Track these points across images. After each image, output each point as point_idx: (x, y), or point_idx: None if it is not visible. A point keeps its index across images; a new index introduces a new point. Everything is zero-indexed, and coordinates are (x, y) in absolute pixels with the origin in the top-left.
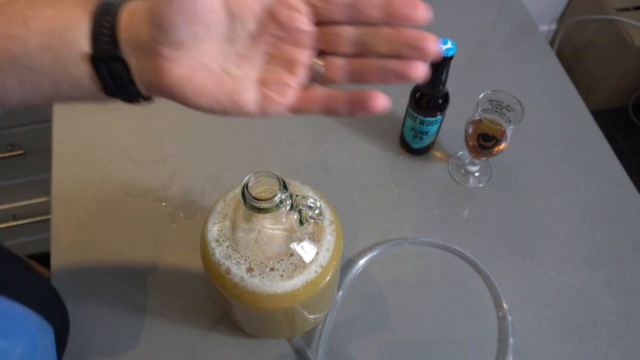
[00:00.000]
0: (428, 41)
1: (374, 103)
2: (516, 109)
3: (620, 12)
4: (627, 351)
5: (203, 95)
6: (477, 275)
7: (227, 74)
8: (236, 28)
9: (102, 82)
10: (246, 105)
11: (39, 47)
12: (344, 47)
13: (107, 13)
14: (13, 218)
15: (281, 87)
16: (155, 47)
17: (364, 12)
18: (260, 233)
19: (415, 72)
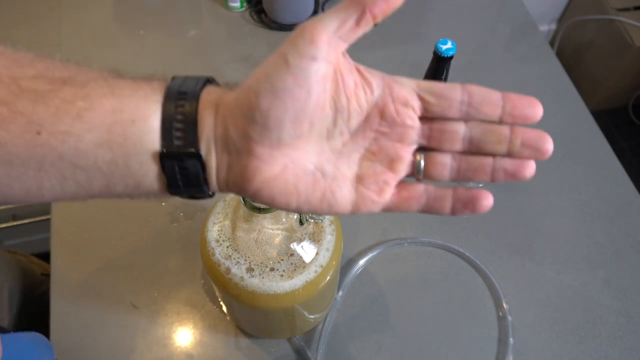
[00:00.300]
0: (546, 141)
1: (484, 203)
2: None
3: (620, 12)
4: (627, 351)
5: (294, 196)
6: (477, 275)
7: (321, 173)
8: (338, 124)
9: (169, 181)
10: (340, 206)
11: (95, 144)
12: (453, 144)
13: (180, 104)
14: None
15: (381, 186)
16: (249, 146)
17: (480, 110)
18: (260, 233)
19: (530, 172)
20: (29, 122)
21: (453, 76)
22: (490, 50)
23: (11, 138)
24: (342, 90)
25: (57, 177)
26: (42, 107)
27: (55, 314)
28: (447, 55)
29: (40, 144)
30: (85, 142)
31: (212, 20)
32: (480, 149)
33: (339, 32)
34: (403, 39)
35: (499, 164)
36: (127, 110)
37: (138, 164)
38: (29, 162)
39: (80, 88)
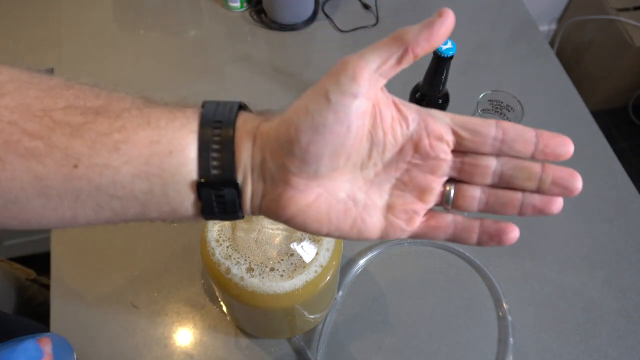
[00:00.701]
0: (576, 180)
1: (511, 236)
2: (516, 109)
3: (620, 12)
4: (627, 351)
5: (325, 223)
6: (477, 275)
7: (353, 201)
8: (373, 156)
9: (205, 208)
10: (369, 233)
11: (132, 175)
12: (484, 178)
13: (217, 132)
14: None
15: (410, 216)
16: (286, 177)
17: (513, 146)
18: (260, 233)
19: (558, 207)
20: (65, 156)
21: (453, 76)
22: (490, 50)
23: (48, 172)
24: (379, 125)
25: (92, 206)
26: (77, 141)
27: (55, 314)
28: (447, 55)
29: (77, 177)
30: (122, 174)
31: (212, 20)
32: (510, 184)
33: (380, 70)
34: None
35: (528, 199)
36: (163, 141)
37: (175, 192)
38: (65, 194)
39: (115, 119)
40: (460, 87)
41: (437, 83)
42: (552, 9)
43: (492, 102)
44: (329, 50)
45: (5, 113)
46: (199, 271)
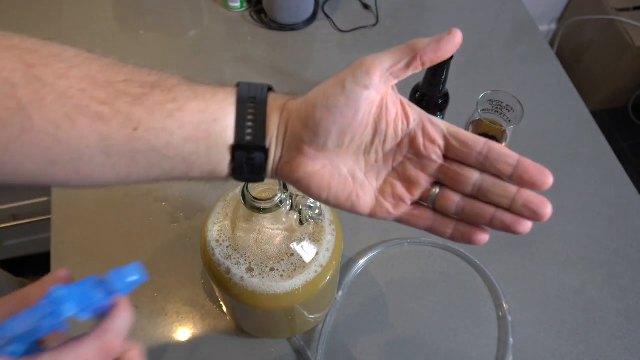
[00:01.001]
0: (546, 208)
1: (479, 239)
2: (516, 109)
3: (620, 12)
4: (627, 351)
5: (325, 190)
6: (477, 275)
7: (352, 178)
8: (375, 143)
9: (236, 168)
10: (360, 208)
11: (183, 138)
12: (464, 187)
13: (251, 106)
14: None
15: (397, 202)
16: (300, 145)
17: (495, 165)
18: (260, 233)
19: (524, 229)
20: (127, 120)
21: (453, 76)
22: (490, 50)
23: (111, 133)
24: (384, 117)
25: (145, 165)
26: (138, 108)
27: None
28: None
29: (136, 138)
30: (175, 137)
31: (212, 20)
32: (486, 198)
33: (391, 70)
34: (403, 39)
35: (498, 215)
36: (209, 111)
37: (216, 154)
38: (124, 153)
39: (168, 92)
40: (460, 87)
41: (437, 83)
42: (552, 9)
43: (492, 102)
44: (329, 50)
45: (75, 82)
46: (199, 271)
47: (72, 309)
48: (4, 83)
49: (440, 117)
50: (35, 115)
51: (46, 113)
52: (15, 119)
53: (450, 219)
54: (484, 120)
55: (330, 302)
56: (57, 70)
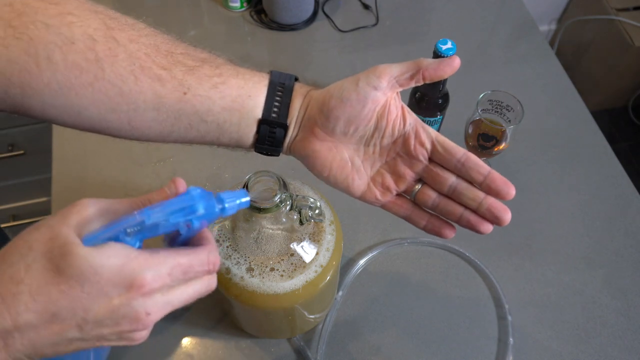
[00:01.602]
0: (506, 214)
1: (447, 233)
2: (516, 109)
3: (620, 12)
4: (627, 351)
5: (327, 169)
6: (477, 275)
7: (351, 163)
8: (375, 137)
9: (260, 140)
10: (353, 190)
11: (222, 107)
12: (442, 187)
13: (280, 90)
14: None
15: (385, 191)
16: (313, 126)
17: (469, 173)
18: (260, 233)
19: (485, 229)
20: (180, 85)
21: (453, 76)
22: (490, 50)
23: (166, 93)
24: (385, 116)
25: (186, 126)
26: (190, 76)
27: None
28: (447, 55)
29: (184, 101)
30: (216, 105)
31: (212, 20)
32: (458, 198)
33: (397, 78)
34: (403, 39)
35: (466, 214)
36: (246, 87)
37: (245, 125)
38: (172, 112)
39: (215, 68)
40: (460, 87)
41: (437, 83)
42: (552, 9)
43: (492, 102)
44: (329, 50)
45: (143, 47)
46: None
47: (202, 209)
48: (87, 38)
49: (440, 117)
50: (107, 68)
51: (116, 68)
52: (92, 68)
53: (426, 213)
54: (484, 120)
55: (330, 302)
56: (130, 35)
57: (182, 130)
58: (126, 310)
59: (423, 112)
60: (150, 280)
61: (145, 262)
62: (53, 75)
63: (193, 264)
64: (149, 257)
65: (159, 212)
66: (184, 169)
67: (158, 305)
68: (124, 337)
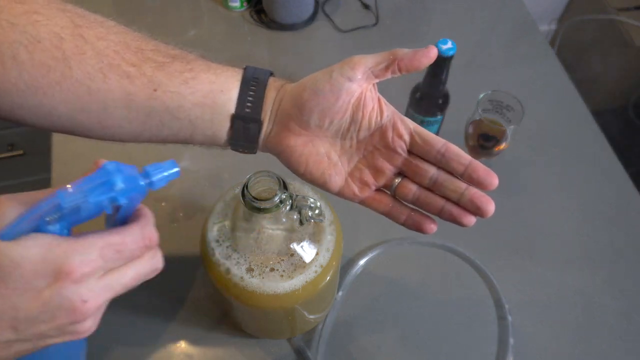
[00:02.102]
0: (489, 205)
1: (428, 228)
2: (516, 109)
3: (620, 12)
4: (627, 351)
5: (303, 165)
6: (477, 275)
7: (328, 158)
8: (351, 130)
9: (234, 136)
10: (330, 186)
11: (193, 103)
12: (422, 179)
13: (253, 84)
14: None
15: (363, 186)
16: (287, 121)
17: (450, 163)
18: (260, 233)
19: (468, 221)
20: (149, 82)
21: (453, 76)
22: (490, 50)
23: (135, 90)
24: (361, 108)
25: (157, 124)
26: (160, 73)
27: None
28: (447, 55)
29: (154, 98)
30: (187, 101)
31: (212, 20)
32: (439, 190)
33: (372, 69)
34: (403, 39)
35: (448, 206)
36: (218, 82)
37: (218, 121)
38: (142, 109)
39: (186, 63)
40: (460, 87)
41: (437, 83)
42: (552, 9)
43: (492, 102)
44: (329, 50)
45: (111, 44)
46: (199, 271)
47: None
48: (54, 36)
49: (441, 117)
50: (75, 66)
51: (84, 66)
52: (59, 67)
53: (406, 208)
54: (484, 120)
55: (330, 302)
56: (98, 33)
57: (154, 129)
58: (59, 300)
59: (423, 112)
60: (78, 265)
61: (70, 247)
62: (19, 74)
63: (125, 241)
64: (74, 241)
65: (74, 192)
66: (183, 169)
67: (95, 290)
68: (66, 331)
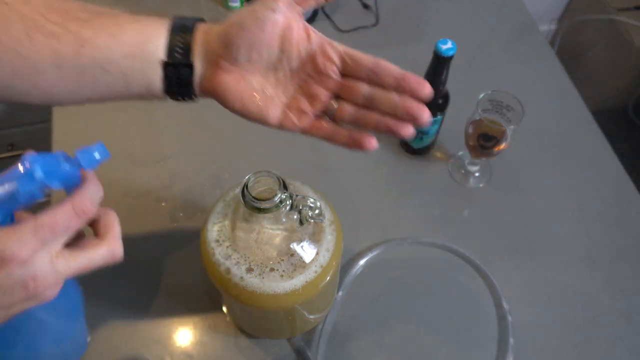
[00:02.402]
0: (422, 112)
1: (366, 144)
2: (516, 109)
3: (620, 12)
4: (627, 351)
5: (239, 102)
6: (477, 275)
7: (263, 92)
8: (282, 61)
9: (168, 83)
10: (269, 119)
11: (122, 55)
12: (357, 98)
13: (182, 30)
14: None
15: (300, 114)
16: (218, 60)
17: (381, 78)
18: (260, 233)
19: (405, 131)
20: (76, 38)
21: (453, 76)
22: (490, 50)
23: (62, 48)
24: (288, 38)
25: (91, 80)
26: (86, 29)
27: None
28: (447, 55)
29: (83, 54)
30: (116, 54)
31: (212, 20)
32: (374, 106)
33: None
34: (403, 39)
35: (384, 120)
36: (145, 32)
37: (150, 69)
38: (73, 67)
39: (112, 17)
40: (460, 87)
41: (437, 83)
42: (552, 9)
43: (492, 102)
44: None
45: (36, 7)
46: (199, 271)
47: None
48: None
49: (440, 117)
50: (1, 33)
51: (11, 31)
52: None
53: (346, 130)
54: (484, 120)
55: (330, 302)
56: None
57: (89, 86)
58: (10, 282)
59: None
60: (17, 251)
61: (5, 235)
62: None
63: (56, 219)
64: (9, 229)
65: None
66: (183, 169)
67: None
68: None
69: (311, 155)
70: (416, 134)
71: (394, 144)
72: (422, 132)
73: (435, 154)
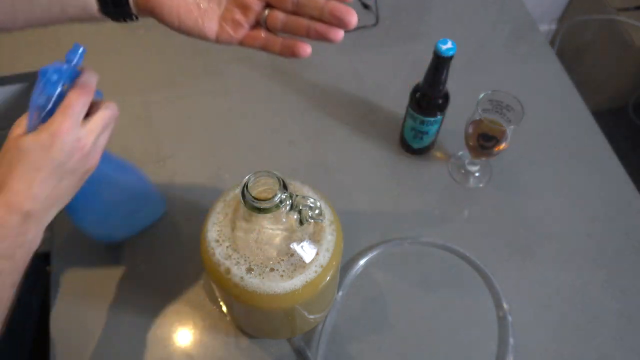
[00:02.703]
0: (349, 14)
1: (300, 50)
2: (516, 109)
3: (620, 12)
4: (627, 351)
5: (175, 18)
6: (477, 275)
7: (198, 6)
8: None
9: (103, 2)
10: (206, 33)
11: None
12: (285, 4)
13: None
14: None
15: (236, 25)
16: None
17: None
18: (260, 233)
19: (334, 35)
20: None
21: (453, 76)
22: (490, 50)
23: None
24: None
25: (26, 3)
26: None
27: (55, 314)
28: (447, 55)
29: None
30: None
31: None
32: (302, 12)
33: None
34: (403, 39)
35: (313, 25)
36: None
37: None
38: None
39: None
40: (460, 87)
41: (437, 83)
42: (552, 9)
43: (492, 102)
44: (329, 50)
45: None
46: (199, 271)
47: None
48: None
49: (440, 117)
50: None
51: None
52: None
53: (279, 38)
54: (484, 120)
55: (330, 302)
56: None
57: (25, 10)
58: (67, 147)
59: (423, 112)
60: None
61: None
62: None
63: (71, 100)
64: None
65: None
66: (184, 169)
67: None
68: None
69: (311, 155)
70: (416, 134)
71: (394, 144)
72: (422, 132)
73: (435, 153)
